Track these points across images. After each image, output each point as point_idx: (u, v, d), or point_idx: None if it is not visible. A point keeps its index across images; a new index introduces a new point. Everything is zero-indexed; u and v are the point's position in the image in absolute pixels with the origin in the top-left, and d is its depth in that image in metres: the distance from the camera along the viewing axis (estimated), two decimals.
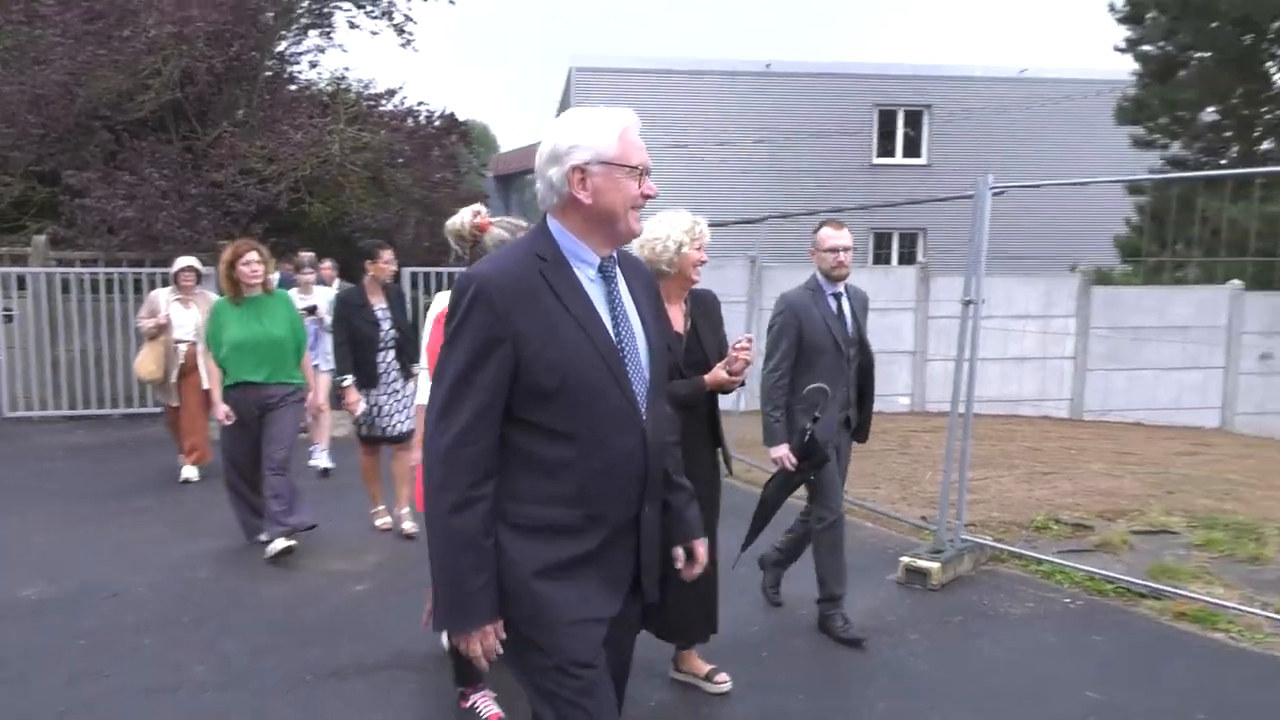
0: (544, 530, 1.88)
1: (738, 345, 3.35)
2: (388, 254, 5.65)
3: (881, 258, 21.78)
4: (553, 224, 1.96)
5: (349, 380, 5.50)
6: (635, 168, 1.93)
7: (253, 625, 4.31)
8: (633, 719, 3.34)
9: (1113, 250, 16.28)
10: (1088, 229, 18.80)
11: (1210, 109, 15.23)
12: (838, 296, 4.26)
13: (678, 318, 3.46)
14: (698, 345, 3.47)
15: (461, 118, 14.92)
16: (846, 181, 20.63)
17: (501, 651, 1.90)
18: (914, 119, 22.32)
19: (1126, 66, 16.45)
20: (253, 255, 5.25)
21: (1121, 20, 15.46)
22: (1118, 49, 16.14)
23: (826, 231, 4.23)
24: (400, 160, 13.51)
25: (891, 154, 22.39)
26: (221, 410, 5.25)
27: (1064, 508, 6.61)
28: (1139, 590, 4.82)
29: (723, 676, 3.65)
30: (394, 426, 5.65)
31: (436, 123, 14.30)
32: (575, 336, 1.87)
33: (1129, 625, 4.47)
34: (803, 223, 6.59)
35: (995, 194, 5.18)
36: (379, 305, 5.61)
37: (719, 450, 3.64)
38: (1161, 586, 4.81)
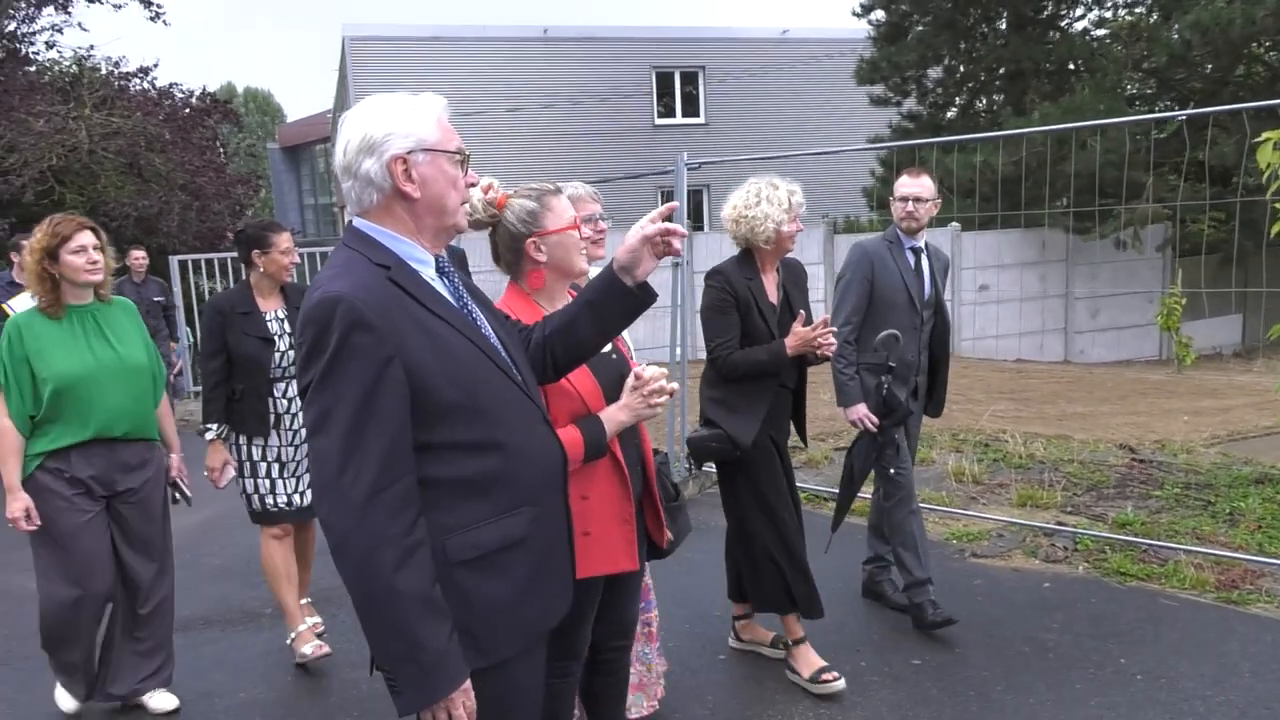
0: (496, 553, 1.73)
1: (819, 330, 3.28)
2: (285, 239, 3.91)
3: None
4: (370, 228, 1.75)
5: (214, 431, 3.76)
6: (458, 153, 1.77)
7: None
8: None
9: (863, 201, 17.91)
10: (846, 182, 20.56)
11: (933, 69, 16.98)
12: (917, 252, 3.95)
13: (771, 288, 3.51)
14: (789, 314, 3.46)
15: (240, 87, 14.57)
16: (632, 142, 21.30)
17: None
18: (690, 79, 23.34)
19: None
20: (86, 237, 3.25)
21: None
22: (854, 14, 17.66)
23: (902, 179, 3.94)
24: (159, 145, 13.07)
25: (672, 114, 23.34)
26: (20, 505, 3.18)
27: None
28: (824, 496, 5.82)
29: (830, 675, 3.46)
30: (303, 493, 3.89)
31: (195, 102, 13.88)
32: (456, 341, 1.72)
33: (810, 525, 5.42)
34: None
35: (690, 169, 5.97)
36: (273, 313, 3.88)
37: (799, 425, 3.67)
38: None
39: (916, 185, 3.87)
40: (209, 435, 3.76)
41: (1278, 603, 4.05)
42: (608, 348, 2.44)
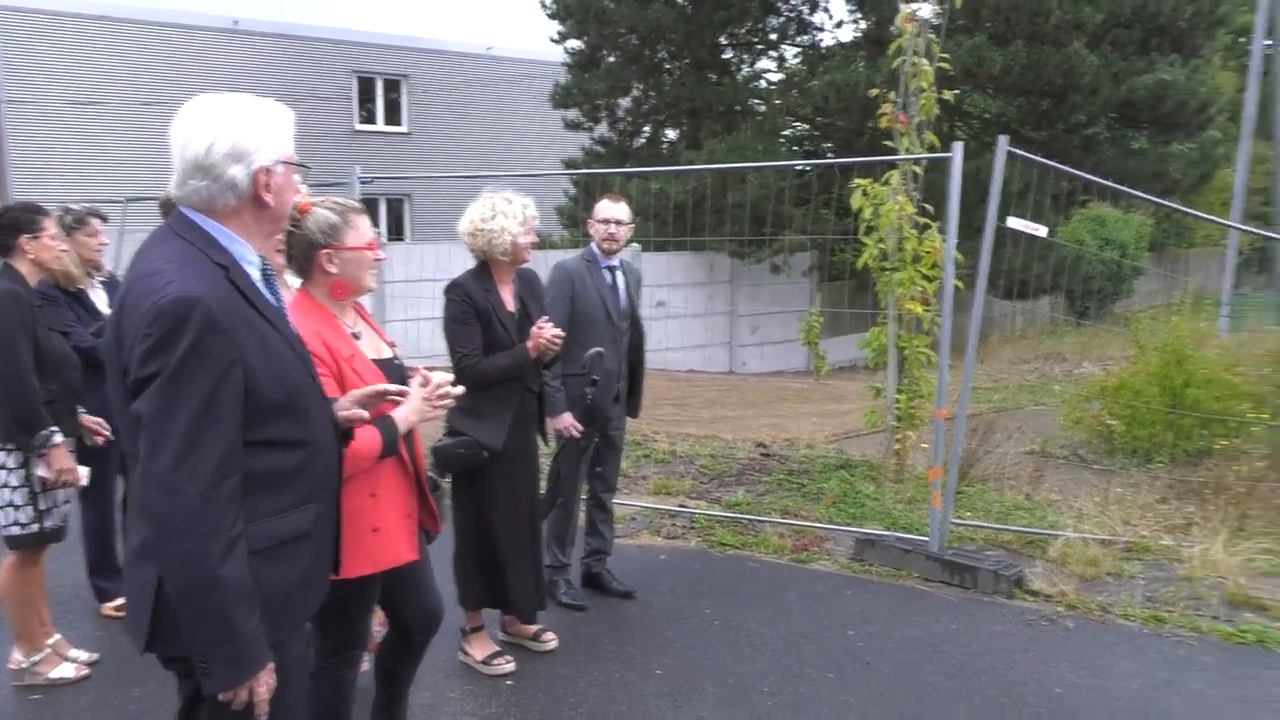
0: (286, 543, 1.85)
1: (541, 328, 3.52)
2: (53, 224, 3.57)
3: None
4: (208, 224, 1.80)
5: (59, 433, 3.39)
6: (300, 164, 1.91)
7: None
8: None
9: (556, 219, 18.77)
10: (539, 199, 21.31)
11: (623, 99, 18.24)
12: (612, 270, 4.29)
13: (509, 298, 3.67)
14: (527, 321, 3.63)
15: None
16: (330, 147, 20.73)
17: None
18: (394, 86, 23.17)
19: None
20: None
21: (550, 16, 17.78)
22: (552, 40, 18.55)
23: (603, 203, 4.26)
24: None
25: (373, 121, 23.05)
26: None
27: None
28: None
29: (549, 635, 3.93)
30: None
31: None
32: (279, 343, 1.82)
33: None
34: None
35: (364, 183, 6.24)
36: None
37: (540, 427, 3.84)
38: None
39: (617, 209, 4.25)
40: (56, 439, 3.34)
41: (833, 559, 5.07)
42: (389, 353, 2.67)
